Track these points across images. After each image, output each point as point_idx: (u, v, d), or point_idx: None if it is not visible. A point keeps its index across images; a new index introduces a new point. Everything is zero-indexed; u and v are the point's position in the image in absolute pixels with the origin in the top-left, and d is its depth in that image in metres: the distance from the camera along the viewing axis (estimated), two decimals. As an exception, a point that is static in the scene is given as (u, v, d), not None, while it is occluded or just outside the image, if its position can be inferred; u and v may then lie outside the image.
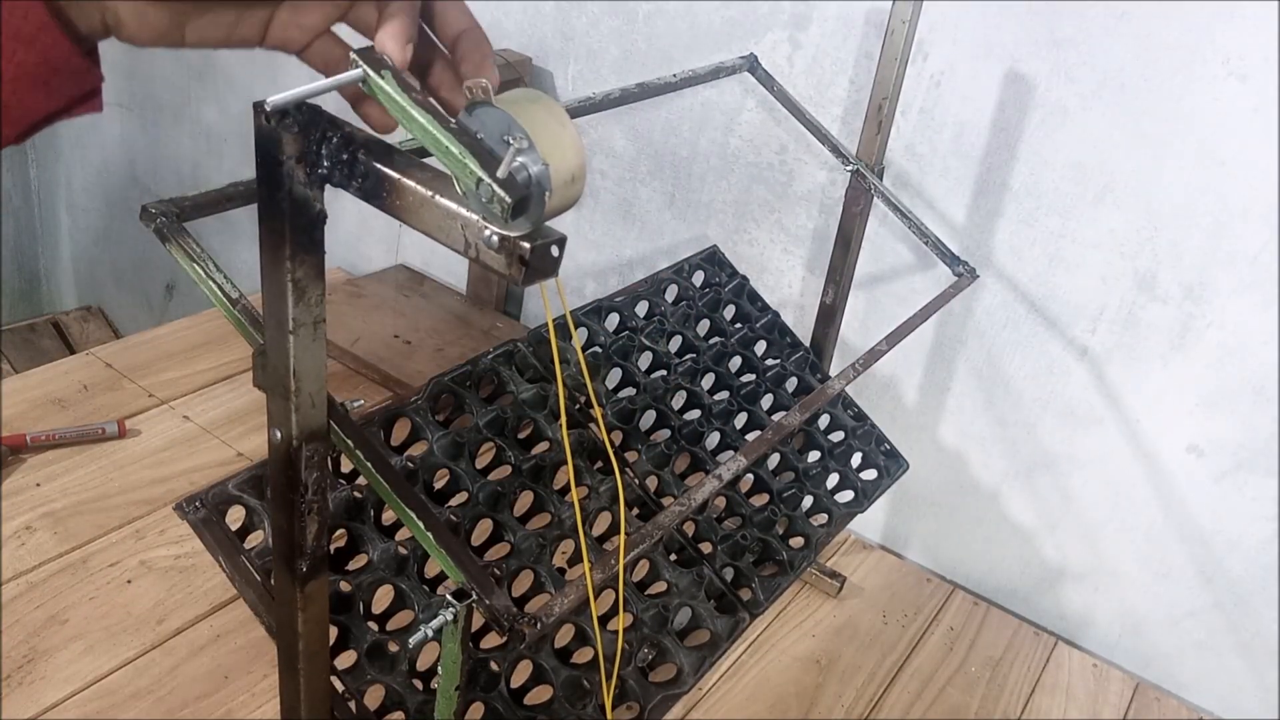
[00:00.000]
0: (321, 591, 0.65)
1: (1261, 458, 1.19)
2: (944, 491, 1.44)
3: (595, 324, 1.13)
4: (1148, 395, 1.24)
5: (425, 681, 0.85)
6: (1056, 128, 1.20)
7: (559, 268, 0.44)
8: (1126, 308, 1.22)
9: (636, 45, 1.50)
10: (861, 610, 1.34)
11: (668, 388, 1.12)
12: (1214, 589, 1.27)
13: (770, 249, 1.48)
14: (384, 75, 0.43)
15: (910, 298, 1.38)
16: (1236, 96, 1.08)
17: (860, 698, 1.21)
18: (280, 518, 0.61)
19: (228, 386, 1.55)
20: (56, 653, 1.10)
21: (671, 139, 1.52)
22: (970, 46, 1.22)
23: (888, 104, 1.13)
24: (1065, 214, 1.22)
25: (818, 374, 1.26)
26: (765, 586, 1.03)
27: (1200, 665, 1.31)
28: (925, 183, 1.31)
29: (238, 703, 1.08)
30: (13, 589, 1.16)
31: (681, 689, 0.93)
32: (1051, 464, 1.34)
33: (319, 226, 0.50)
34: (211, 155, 2.21)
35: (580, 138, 0.45)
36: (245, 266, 2.07)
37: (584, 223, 1.66)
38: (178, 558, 1.23)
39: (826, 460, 1.20)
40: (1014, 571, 1.42)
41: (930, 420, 1.42)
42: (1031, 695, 1.26)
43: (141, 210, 0.65)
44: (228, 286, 0.63)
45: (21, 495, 1.29)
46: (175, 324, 1.69)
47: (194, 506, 0.81)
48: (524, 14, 1.60)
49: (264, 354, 0.55)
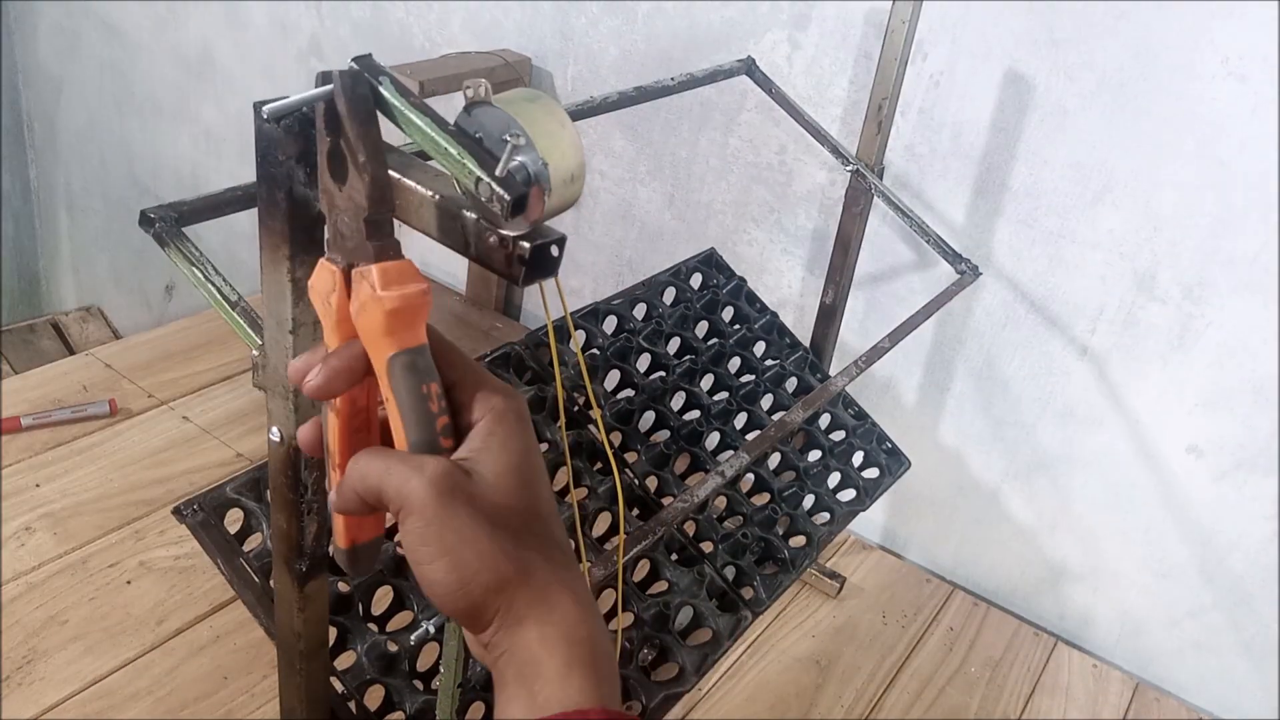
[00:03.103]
0: (321, 592, 0.65)
1: (1261, 457, 1.19)
2: (943, 492, 1.44)
3: (593, 326, 1.13)
4: (1147, 395, 1.24)
5: (425, 682, 0.85)
6: (1056, 128, 1.20)
7: (559, 267, 0.44)
8: (1126, 308, 1.22)
9: (636, 45, 1.50)
10: (861, 611, 1.34)
11: (666, 389, 1.12)
12: (1214, 589, 1.27)
13: (770, 249, 1.48)
14: (382, 82, 0.43)
15: (910, 298, 1.38)
16: (1235, 96, 1.08)
17: (860, 698, 1.21)
18: (280, 518, 0.61)
19: (227, 387, 1.55)
20: (56, 653, 1.10)
21: (671, 139, 1.52)
22: (970, 46, 1.23)
23: (887, 104, 1.13)
24: (1064, 214, 1.22)
25: (817, 374, 1.26)
26: (767, 585, 1.03)
27: (1200, 666, 1.31)
28: (925, 183, 1.31)
29: (237, 703, 1.07)
30: (12, 589, 1.16)
31: (683, 687, 0.93)
32: (1051, 464, 1.34)
33: (319, 226, 0.49)
34: (211, 155, 2.21)
35: (579, 137, 0.45)
36: (245, 267, 2.07)
37: (583, 223, 1.66)
38: (177, 558, 1.23)
39: (828, 459, 1.20)
40: (1013, 572, 1.42)
41: (930, 421, 1.42)
42: (1031, 696, 1.26)
43: (141, 215, 0.65)
44: (227, 289, 0.63)
45: (21, 496, 1.29)
46: (175, 324, 1.70)
47: (193, 510, 0.81)
48: (523, 14, 1.60)
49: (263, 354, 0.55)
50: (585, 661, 0.41)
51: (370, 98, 0.43)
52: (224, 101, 2.12)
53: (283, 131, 0.45)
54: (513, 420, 0.44)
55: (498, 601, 0.41)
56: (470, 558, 0.41)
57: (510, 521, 0.42)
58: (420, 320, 0.44)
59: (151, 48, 2.20)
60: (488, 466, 0.43)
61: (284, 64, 1.97)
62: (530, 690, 0.41)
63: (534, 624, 0.42)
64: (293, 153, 0.46)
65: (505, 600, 0.41)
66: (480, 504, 0.42)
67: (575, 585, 0.43)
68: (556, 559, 0.43)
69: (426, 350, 0.44)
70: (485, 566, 0.41)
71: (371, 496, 0.43)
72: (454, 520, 0.41)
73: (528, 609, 0.42)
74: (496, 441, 0.43)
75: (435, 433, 0.43)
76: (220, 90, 2.11)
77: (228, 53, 2.06)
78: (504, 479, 0.43)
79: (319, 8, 1.86)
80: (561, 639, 0.41)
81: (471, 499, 0.42)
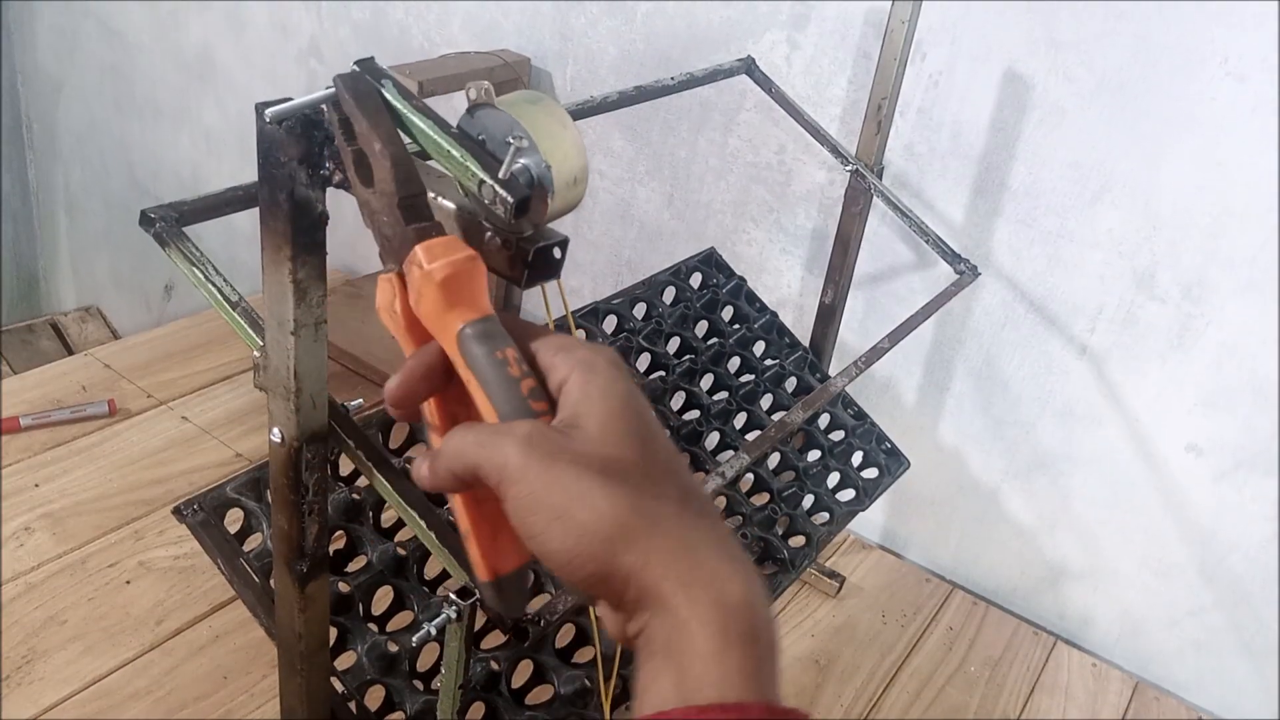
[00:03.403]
0: (322, 592, 0.66)
1: (1261, 457, 1.19)
2: (943, 491, 1.44)
3: (593, 325, 1.13)
4: (1147, 394, 1.24)
5: (425, 682, 0.85)
6: (1055, 128, 1.20)
7: (561, 269, 0.44)
8: (1125, 307, 1.22)
9: (635, 45, 1.50)
10: (860, 610, 1.34)
11: (666, 388, 1.12)
12: (1214, 588, 1.27)
13: (769, 249, 1.48)
14: (384, 85, 0.43)
15: (909, 298, 1.38)
16: (1235, 97, 1.08)
17: (859, 698, 1.21)
18: (281, 519, 0.61)
19: (227, 387, 1.55)
20: (55, 653, 1.10)
21: (670, 139, 1.52)
22: (969, 46, 1.23)
23: (886, 104, 1.13)
24: (1063, 214, 1.22)
25: (817, 374, 1.26)
26: (766, 585, 1.03)
27: (1200, 665, 1.31)
28: (924, 183, 1.31)
29: (237, 703, 1.08)
30: (12, 590, 1.16)
31: (682, 689, 0.92)
32: (1050, 463, 1.34)
33: (321, 228, 0.50)
34: (211, 157, 2.20)
35: (582, 139, 0.45)
36: (245, 268, 2.07)
37: (582, 223, 1.66)
38: (177, 558, 1.23)
39: (827, 459, 1.20)
40: (1013, 571, 1.42)
41: (929, 420, 1.42)
42: (1031, 695, 1.26)
43: (141, 215, 0.65)
44: (227, 289, 0.63)
45: (20, 496, 1.29)
46: (174, 324, 1.70)
47: (193, 509, 0.81)
48: (522, 14, 1.60)
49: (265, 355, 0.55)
50: (744, 635, 0.35)
51: (375, 89, 0.43)
52: (224, 103, 2.12)
53: (285, 133, 0.45)
54: (605, 367, 0.40)
55: (630, 560, 0.36)
56: (586, 516, 0.36)
57: (628, 472, 0.37)
58: (478, 289, 0.41)
59: (151, 49, 2.20)
60: (589, 419, 0.38)
61: (284, 65, 1.96)
62: (679, 665, 0.35)
63: (678, 586, 0.36)
64: (294, 154, 0.46)
65: (639, 559, 0.36)
66: (587, 460, 0.37)
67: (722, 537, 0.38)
68: (691, 508, 0.38)
69: (495, 319, 0.41)
70: (605, 521, 0.36)
71: (467, 475, 0.39)
72: (560, 480, 0.37)
73: (668, 568, 0.36)
74: (595, 389, 0.39)
75: (522, 397, 0.40)
76: (220, 92, 2.11)
77: (228, 54, 2.06)
78: (610, 429, 0.38)
79: (319, 9, 1.86)
80: (713, 604, 0.35)
81: (576, 456, 0.37)
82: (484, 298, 0.42)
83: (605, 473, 0.37)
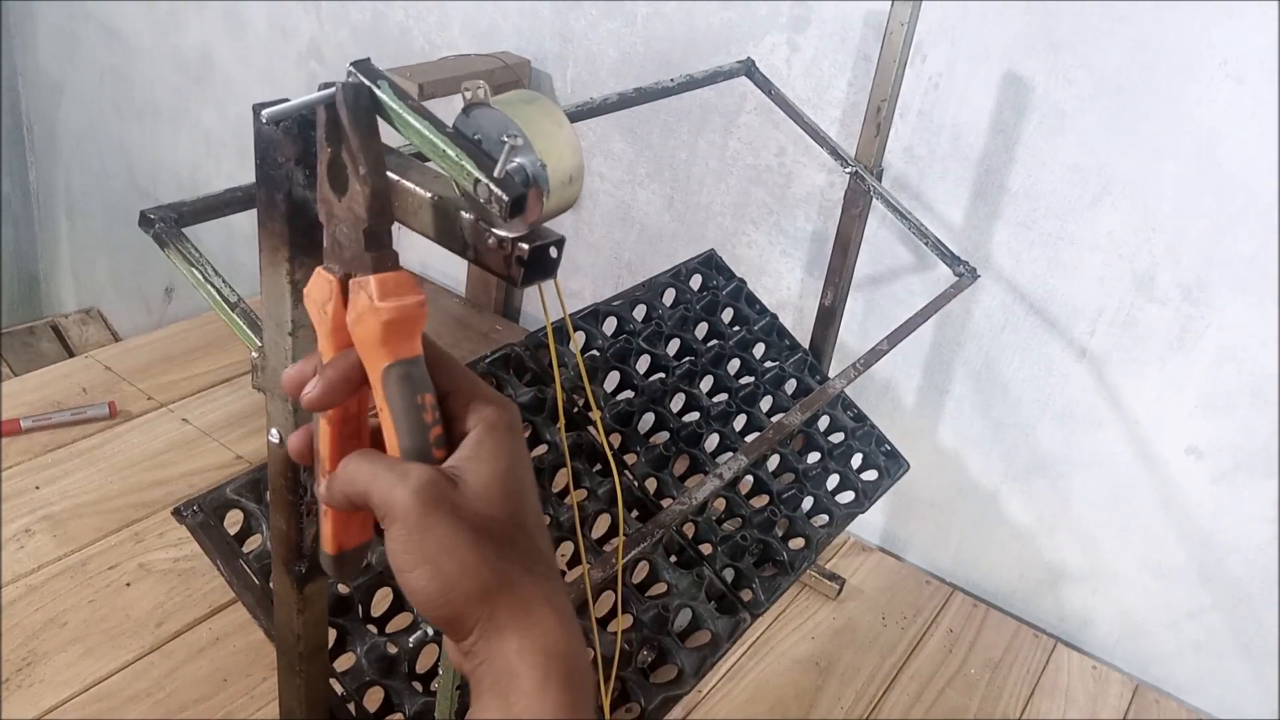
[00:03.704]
0: (320, 594, 0.65)
1: (1260, 459, 1.19)
2: (943, 493, 1.44)
3: (593, 327, 1.13)
4: (1146, 397, 1.24)
5: (425, 683, 0.85)
6: (1054, 130, 1.20)
7: (558, 269, 0.44)
8: (1125, 309, 1.22)
9: (635, 47, 1.50)
10: (861, 612, 1.34)
11: (666, 390, 1.12)
12: (1213, 590, 1.27)
13: (769, 251, 1.48)
14: (380, 85, 0.43)
15: (909, 300, 1.38)
16: (1234, 98, 1.09)
17: (859, 700, 1.21)
18: (280, 520, 0.61)
19: (227, 389, 1.55)
20: (55, 655, 1.10)
21: (670, 141, 1.52)
22: (968, 49, 1.23)
23: (886, 106, 1.14)
24: (1063, 216, 1.22)
25: (816, 376, 1.26)
26: (766, 587, 1.03)
27: (1200, 667, 1.31)
28: (924, 185, 1.31)
29: (237, 705, 1.08)
30: (12, 592, 1.16)
31: (682, 690, 0.93)
32: (1050, 466, 1.34)
33: (318, 229, 0.50)
34: (210, 159, 2.21)
35: (577, 138, 0.45)
36: (245, 269, 2.07)
37: (583, 225, 1.66)
38: (176, 560, 1.23)
39: (826, 461, 1.20)
40: (1013, 573, 1.42)
41: (929, 423, 1.42)
42: (1031, 697, 1.26)
43: (141, 216, 0.65)
44: (226, 290, 0.63)
45: (21, 498, 1.29)
46: (174, 327, 1.70)
47: (192, 511, 0.81)
48: (522, 16, 1.60)
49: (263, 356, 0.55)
50: (562, 676, 0.42)
51: (373, 111, 0.43)
52: (224, 105, 2.12)
53: (282, 134, 0.45)
54: (503, 431, 0.45)
55: (479, 611, 0.42)
56: (452, 567, 0.41)
57: (494, 531, 0.43)
58: (416, 331, 0.44)
59: (151, 51, 2.20)
60: (475, 476, 0.43)
61: (283, 67, 1.97)
62: (506, 701, 0.41)
63: (514, 635, 0.42)
64: (292, 155, 0.46)
65: (487, 610, 0.42)
66: (464, 513, 0.42)
67: (557, 599, 0.44)
68: (539, 571, 0.44)
69: (421, 361, 0.44)
70: (467, 576, 0.41)
71: (358, 500, 0.44)
72: (436, 529, 0.41)
73: (508, 620, 0.42)
74: (486, 450, 0.44)
75: (428, 442, 0.44)
76: (220, 94, 2.11)
77: (227, 56, 2.06)
78: (490, 489, 0.43)
79: (319, 11, 1.86)
80: (540, 652, 0.42)
81: (455, 508, 0.42)
82: (418, 339, 0.44)
83: (476, 530, 0.42)
